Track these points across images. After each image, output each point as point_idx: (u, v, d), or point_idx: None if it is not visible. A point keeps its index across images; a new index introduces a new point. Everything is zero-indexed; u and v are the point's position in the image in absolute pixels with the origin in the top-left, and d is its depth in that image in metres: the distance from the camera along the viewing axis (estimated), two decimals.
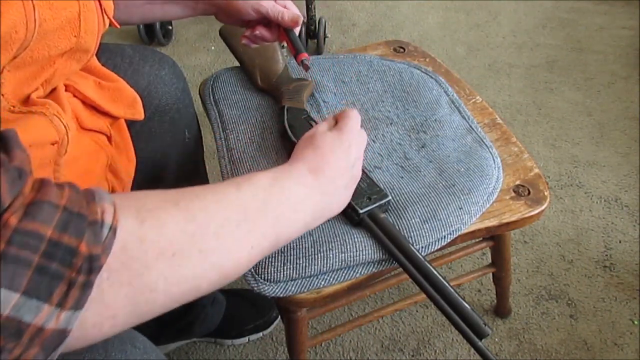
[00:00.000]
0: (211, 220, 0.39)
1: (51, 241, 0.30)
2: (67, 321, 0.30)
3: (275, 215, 0.44)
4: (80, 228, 0.31)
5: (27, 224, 0.29)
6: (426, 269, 0.58)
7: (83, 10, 0.48)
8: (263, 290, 0.59)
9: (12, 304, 0.28)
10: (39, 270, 0.29)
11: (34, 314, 0.29)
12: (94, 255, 0.31)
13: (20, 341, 0.29)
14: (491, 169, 0.71)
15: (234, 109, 0.81)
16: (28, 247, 0.29)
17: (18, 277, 0.28)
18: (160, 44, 1.84)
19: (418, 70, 0.88)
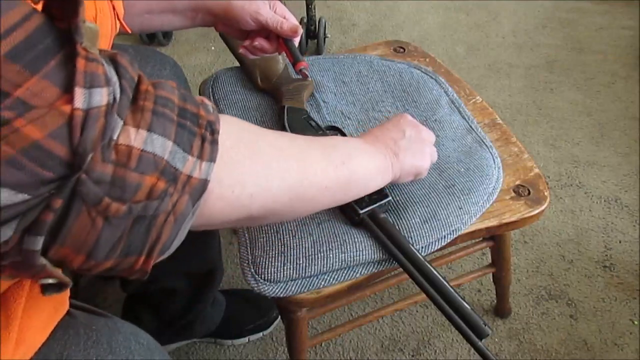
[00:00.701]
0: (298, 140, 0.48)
1: (180, 106, 0.36)
2: (207, 172, 0.36)
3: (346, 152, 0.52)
4: (195, 102, 0.37)
5: (160, 92, 0.35)
6: (426, 269, 0.58)
7: (99, 15, 0.49)
8: (263, 290, 0.59)
9: (169, 150, 0.33)
10: (179, 125, 0.35)
11: (183, 163, 0.34)
12: (210, 120, 0.37)
13: (176, 186, 0.34)
14: (491, 169, 0.71)
15: (234, 109, 0.81)
16: (167, 107, 0.35)
17: (168, 128, 0.34)
18: (160, 44, 1.84)
19: (418, 71, 0.88)
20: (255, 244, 0.62)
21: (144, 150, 0.32)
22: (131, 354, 0.48)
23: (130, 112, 0.33)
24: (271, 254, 0.60)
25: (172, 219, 0.34)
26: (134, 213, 0.32)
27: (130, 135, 0.32)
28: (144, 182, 0.32)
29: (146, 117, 0.33)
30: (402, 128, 0.61)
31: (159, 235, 0.34)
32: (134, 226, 0.33)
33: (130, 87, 0.34)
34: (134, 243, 0.34)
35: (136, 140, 0.32)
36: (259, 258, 0.61)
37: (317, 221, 0.63)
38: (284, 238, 0.62)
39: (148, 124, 0.33)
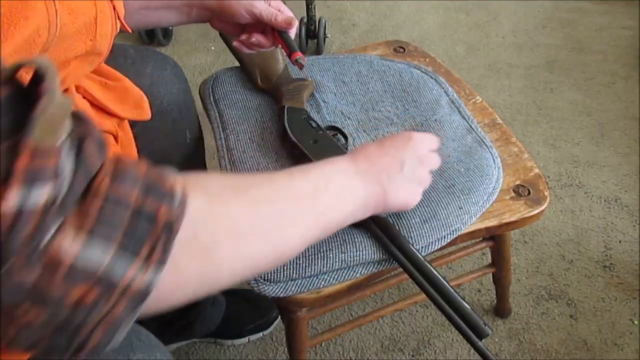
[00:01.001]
0: (269, 205, 0.43)
1: (137, 202, 0.33)
2: (152, 278, 0.33)
3: (324, 202, 0.48)
4: (159, 194, 0.34)
5: (117, 186, 0.32)
6: (426, 269, 0.58)
7: (99, 15, 0.49)
8: (263, 290, 0.59)
9: (110, 257, 0.31)
10: (129, 226, 0.32)
11: (126, 269, 0.31)
12: (171, 220, 0.34)
13: (112, 296, 0.31)
14: (491, 169, 0.71)
15: (234, 109, 0.81)
16: (120, 205, 0.32)
17: (114, 232, 0.31)
18: (160, 44, 1.84)
19: (418, 71, 0.88)
20: None
21: (78, 259, 0.30)
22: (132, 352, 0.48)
23: (74, 212, 0.30)
24: None
25: (103, 327, 0.32)
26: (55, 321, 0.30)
27: (66, 240, 0.29)
28: (71, 293, 0.30)
29: (89, 222, 0.30)
30: (403, 158, 0.55)
31: (87, 340, 0.32)
32: (56, 332, 0.31)
33: (83, 180, 0.31)
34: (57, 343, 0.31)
35: (71, 247, 0.30)
36: None
37: None
38: None
39: (89, 229, 0.30)
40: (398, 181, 0.55)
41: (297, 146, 0.69)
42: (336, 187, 0.49)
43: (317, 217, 0.47)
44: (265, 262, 0.43)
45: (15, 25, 0.38)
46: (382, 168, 0.54)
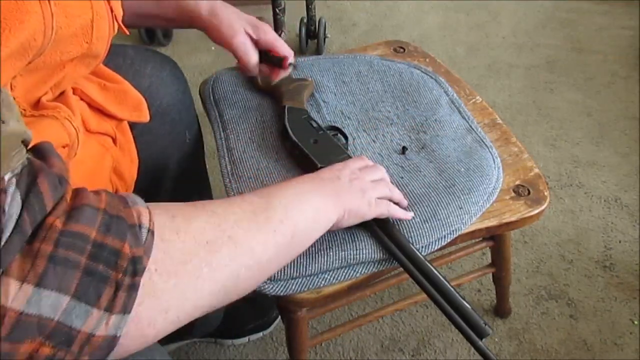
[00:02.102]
0: (229, 213, 0.42)
1: (96, 242, 0.30)
2: (117, 326, 0.30)
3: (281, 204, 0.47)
4: (121, 230, 0.31)
5: (72, 226, 0.29)
6: (426, 269, 0.58)
7: (96, 18, 0.49)
8: (264, 289, 0.59)
9: (63, 308, 0.27)
10: (86, 272, 0.29)
11: (84, 319, 0.28)
12: (137, 257, 0.31)
13: (70, 349, 0.28)
14: (491, 168, 0.71)
15: (234, 109, 0.81)
16: (74, 248, 0.29)
17: (67, 280, 0.28)
18: (160, 44, 1.84)
19: (418, 71, 0.88)
20: None
21: (23, 314, 0.26)
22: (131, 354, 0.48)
23: (20, 257, 0.27)
24: None
25: None
26: None
27: (10, 292, 0.26)
28: (18, 351, 0.26)
29: (38, 267, 0.27)
30: (337, 174, 0.57)
31: None
32: None
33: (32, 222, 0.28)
34: None
35: (15, 300, 0.26)
36: None
37: None
38: None
39: (38, 275, 0.27)
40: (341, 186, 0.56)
41: (297, 146, 0.69)
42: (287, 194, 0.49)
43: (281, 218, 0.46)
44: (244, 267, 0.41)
45: (11, 30, 0.38)
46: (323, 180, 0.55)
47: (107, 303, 0.29)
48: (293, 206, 0.48)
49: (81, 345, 0.28)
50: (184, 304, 0.36)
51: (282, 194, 0.49)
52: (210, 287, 0.38)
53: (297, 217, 0.48)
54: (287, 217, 0.46)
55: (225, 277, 0.39)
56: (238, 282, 0.41)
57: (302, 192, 0.51)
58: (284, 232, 0.45)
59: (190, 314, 0.38)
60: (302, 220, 0.48)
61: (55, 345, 0.27)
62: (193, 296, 0.37)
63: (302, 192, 0.51)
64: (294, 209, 0.48)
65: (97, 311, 0.29)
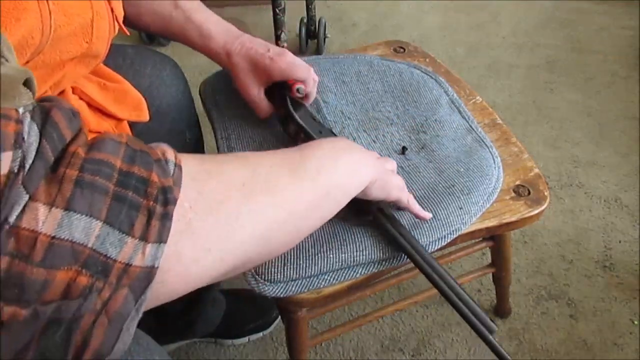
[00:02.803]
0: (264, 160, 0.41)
1: (122, 171, 0.29)
2: (154, 256, 0.29)
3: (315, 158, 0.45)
4: (147, 161, 0.30)
5: (95, 154, 0.28)
6: (435, 265, 0.58)
7: (96, 17, 0.49)
8: (263, 290, 0.59)
9: (96, 234, 0.27)
10: (115, 198, 0.28)
11: (119, 248, 0.27)
12: (166, 186, 0.30)
13: (108, 280, 0.27)
14: (491, 168, 0.71)
15: (235, 108, 0.81)
16: (101, 174, 0.28)
17: (96, 204, 0.27)
18: (160, 44, 1.84)
19: (418, 71, 0.88)
20: None
21: (55, 237, 0.25)
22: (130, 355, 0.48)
23: (45, 183, 0.26)
24: None
25: (104, 321, 0.27)
26: (42, 317, 0.25)
27: (39, 216, 0.25)
28: (54, 279, 0.25)
29: (65, 191, 0.26)
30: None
31: (86, 340, 0.27)
32: (47, 330, 0.26)
33: (53, 150, 0.27)
34: (49, 350, 0.26)
35: (46, 223, 0.25)
36: None
37: None
38: None
39: (66, 199, 0.26)
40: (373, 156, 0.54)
41: (302, 128, 0.67)
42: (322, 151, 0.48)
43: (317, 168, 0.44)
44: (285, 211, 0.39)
45: (7, 28, 0.37)
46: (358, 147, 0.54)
47: (141, 231, 0.28)
48: (330, 161, 0.46)
49: (119, 276, 0.27)
50: (226, 244, 0.34)
51: (318, 148, 0.47)
52: (251, 228, 0.36)
53: (333, 172, 0.46)
54: (323, 169, 0.44)
55: (266, 221, 0.38)
56: (280, 229, 0.39)
57: (338, 149, 0.49)
58: (321, 184, 0.44)
59: (235, 256, 0.36)
60: (338, 175, 0.46)
61: (93, 275, 0.26)
62: (234, 237, 0.35)
63: (338, 149, 0.49)
64: (331, 164, 0.46)
65: (132, 240, 0.28)
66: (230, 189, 0.36)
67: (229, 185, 0.36)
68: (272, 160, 0.42)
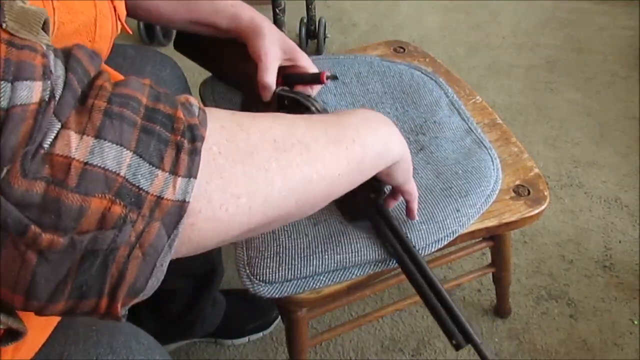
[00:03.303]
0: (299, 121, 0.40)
1: (148, 107, 0.29)
2: (184, 190, 0.29)
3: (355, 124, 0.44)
4: (172, 101, 0.30)
5: (121, 89, 0.28)
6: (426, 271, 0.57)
7: (99, 16, 0.49)
8: (259, 291, 0.59)
9: (127, 163, 0.27)
10: (144, 130, 0.28)
11: (150, 180, 0.27)
12: (192, 124, 0.30)
13: (141, 212, 0.27)
14: (490, 170, 0.71)
15: (233, 108, 0.80)
16: (128, 106, 0.28)
17: (126, 134, 0.27)
18: (160, 44, 1.84)
19: (418, 72, 0.88)
20: (250, 245, 0.62)
21: (88, 164, 0.26)
22: (132, 354, 0.48)
23: (75, 113, 0.27)
24: (266, 255, 0.60)
25: (139, 254, 0.28)
26: (78, 247, 0.26)
27: (71, 142, 0.26)
28: (90, 206, 0.26)
29: (95, 120, 0.26)
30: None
31: (122, 274, 0.27)
32: (84, 262, 0.26)
33: (80, 82, 0.28)
34: (87, 283, 0.27)
35: (78, 150, 0.26)
36: (254, 259, 0.61)
37: (313, 221, 0.63)
38: (279, 238, 0.62)
39: (96, 128, 0.26)
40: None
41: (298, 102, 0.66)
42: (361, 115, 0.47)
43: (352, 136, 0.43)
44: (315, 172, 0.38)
45: None
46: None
47: (171, 165, 0.28)
48: (366, 130, 0.45)
49: (151, 209, 0.27)
50: (255, 194, 0.33)
51: (356, 116, 0.46)
52: (281, 183, 0.35)
53: (369, 140, 0.44)
54: (359, 137, 0.43)
55: (296, 179, 0.36)
56: (310, 188, 0.38)
57: (376, 120, 0.48)
58: (356, 151, 0.42)
59: (265, 208, 0.34)
60: (372, 143, 0.45)
61: (126, 205, 0.27)
62: (264, 188, 0.34)
63: (375, 120, 0.48)
64: (367, 133, 0.45)
65: (162, 172, 0.28)
66: (262, 142, 0.35)
67: (261, 139, 0.35)
68: (308, 123, 0.40)
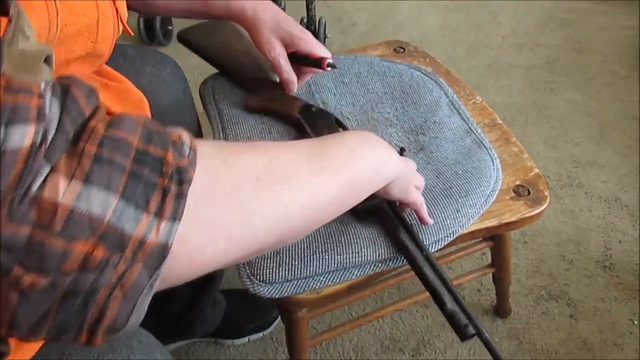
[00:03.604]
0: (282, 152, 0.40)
1: (139, 149, 0.29)
2: (168, 233, 0.29)
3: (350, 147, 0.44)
4: (164, 141, 0.31)
5: (114, 132, 0.29)
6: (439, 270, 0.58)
7: (101, 17, 0.49)
8: (259, 291, 0.59)
9: (112, 208, 0.27)
10: (132, 175, 0.28)
11: (135, 224, 0.28)
12: (181, 166, 0.31)
13: (124, 254, 0.28)
14: (490, 170, 0.71)
15: (233, 108, 0.81)
16: (119, 150, 0.29)
17: (114, 179, 0.28)
18: (160, 44, 1.84)
19: (418, 72, 0.88)
20: None
21: (75, 209, 0.26)
22: (132, 353, 0.48)
23: (66, 156, 0.27)
24: (266, 255, 0.60)
25: (119, 294, 0.28)
26: (60, 287, 0.26)
27: (59, 187, 0.26)
28: (73, 250, 0.26)
29: (84, 165, 0.27)
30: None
31: (102, 312, 0.28)
32: (65, 301, 0.27)
33: (73, 124, 0.28)
34: (66, 320, 0.28)
35: (66, 195, 0.26)
36: (254, 259, 0.61)
37: None
38: None
39: (85, 173, 0.27)
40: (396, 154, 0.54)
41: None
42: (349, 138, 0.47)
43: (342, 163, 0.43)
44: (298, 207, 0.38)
45: None
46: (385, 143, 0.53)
47: (157, 208, 0.29)
48: (352, 157, 0.45)
49: (134, 251, 0.28)
50: (233, 236, 0.34)
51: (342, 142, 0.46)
52: (261, 223, 0.36)
53: (355, 169, 0.44)
54: (345, 166, 0.43)
55: (277, 216, 0.37)
56: (293, 223, 0.38)
57: (363, 144, 0.47)
58: (341, 181, 0.42)
59: (243, 249, 0.35)
60: (359, 172, 0.45)
61: (109, 249, 0.27)
62: (242, 230, 0.35)
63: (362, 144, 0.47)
64: (353, 161, 0.45)
65: (147, 216, 0.29)
66: (243, 181, 0.35)
67: (243, 178, 0.35)
68: (292, 153, 0.40)
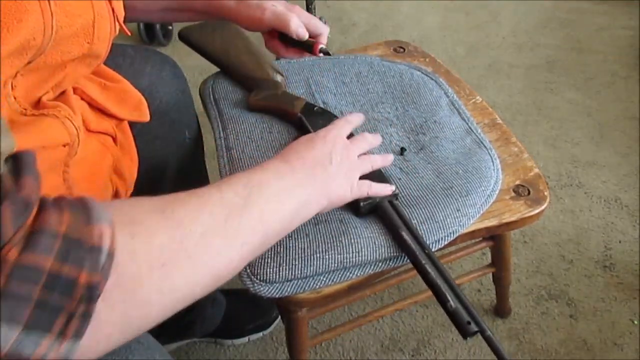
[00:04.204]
0: (197, 223, 0.40)
1: (51, 273, 0.30)
2: (68, 350, 0.30)
3: (259, 208, 0.45)
4: (80, 257, 0.31)
5: (26, 257, 0.29)
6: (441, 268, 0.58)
7: (97, 18, 0.49)
8: (259, 290, 0.59)
9: (14, 338, 0.28)
10: (39, 304, 0.29)
11: (34, 347, 0.29)
12: (93, 283, 0.31)
13: None
14: (490, 170, 0.71)
15: (233, 108, 0.81)
16: (28, 280, 0.29)
17: (18, 313, 0.28)
18: (160, 44, 1.84)
19: (418, 72, 0.88)
20: None
21: None
22: (131, 354, 0.48)
23: None
24: (267, 254, 0.60)
25: None
26: None
27: None
28: None
29: None
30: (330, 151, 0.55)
31: None
32: None
33: None
34: None
35: None
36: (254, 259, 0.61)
37: (313, 221, 0.63)
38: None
39: None
40: (331, 173, 0.54)
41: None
42: (271, 191, 0.47)
43: (254, 226, 0.44)
44: (200, 286, 0.40)
45: (9, 29, 0.37)
46: (315, 162, 0.54)
47: (59, 330, 0.30)
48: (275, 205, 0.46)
49: None
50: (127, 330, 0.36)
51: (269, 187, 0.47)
52: (157, 311, 0.38)
53: (276, 217, 0.46)
54: (263, 221, 0.45)
55: (176, 299, 0.39)
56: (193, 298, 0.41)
57: (290, 187, 0.49)
58: (252, 242, 0.44)
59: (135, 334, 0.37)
60: (279, 220, 0.47)
61: None
62: (138, 323, 0.37)
63: (290, 187, 0.49)
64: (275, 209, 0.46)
65: (50, 337, 0.29)
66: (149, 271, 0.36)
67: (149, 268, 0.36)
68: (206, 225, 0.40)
